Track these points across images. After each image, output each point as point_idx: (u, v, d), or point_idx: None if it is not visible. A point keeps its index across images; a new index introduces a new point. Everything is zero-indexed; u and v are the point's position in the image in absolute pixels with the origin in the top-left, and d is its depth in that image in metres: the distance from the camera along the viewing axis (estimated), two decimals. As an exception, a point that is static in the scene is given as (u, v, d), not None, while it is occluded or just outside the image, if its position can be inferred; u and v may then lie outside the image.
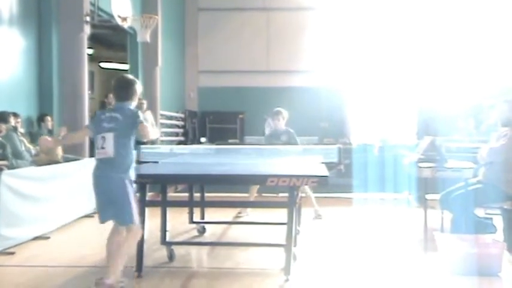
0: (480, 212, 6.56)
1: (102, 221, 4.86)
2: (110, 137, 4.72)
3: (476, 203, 6.13)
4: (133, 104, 4.96)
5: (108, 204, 4.79)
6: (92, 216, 8.71)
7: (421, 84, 17.48)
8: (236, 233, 7.39)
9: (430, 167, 6.41)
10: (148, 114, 12.94)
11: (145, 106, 12.88)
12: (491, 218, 6.44)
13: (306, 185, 6.49)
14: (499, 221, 6.36)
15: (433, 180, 6.50)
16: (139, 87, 5.01)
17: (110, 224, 4.87)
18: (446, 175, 6.38)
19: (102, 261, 5.90)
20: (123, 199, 4.71)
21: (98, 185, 4.86)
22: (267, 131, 18.24)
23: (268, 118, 18.70)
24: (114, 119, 4.79)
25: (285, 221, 5.38)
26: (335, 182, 8.27)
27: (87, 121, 10.30)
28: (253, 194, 8.97)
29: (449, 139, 10.16)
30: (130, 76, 5.19)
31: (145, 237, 5.33)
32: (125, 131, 4.77)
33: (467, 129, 13.10)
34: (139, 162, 7.26)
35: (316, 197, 8.74)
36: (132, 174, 4.89)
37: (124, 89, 4.95)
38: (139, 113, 4.87)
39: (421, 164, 6.55)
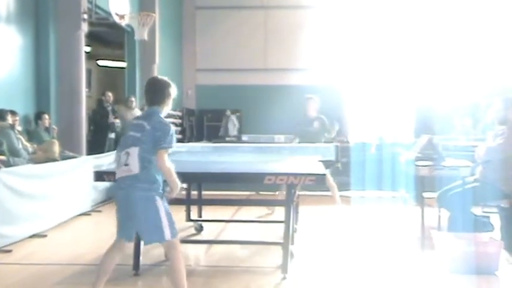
0: (477, 210, 6.56)
1: (128, 240, 4.42)
2: (134, 151, 4.11)
3: (474, 202, 6.14)
4: (165, 110, 4.37)
5: (134, 223, 4.27)
6: (89, 214, 8.71)
7: (418, 82, 17.49)
8: (233, 231, 7.38)
9: (427, 165, 6.41)
10: (138, 112, 12.97)
11: (134, 104, 12.92)
12: (488, 217, 6.45)
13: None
14: (496, 219, 6.37)
15: (431, 179, 6.50)
16: (173, 90, 4.40)
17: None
18: (444, 173, 6.38)
19: (98, 260, 5.89)
20: (154, 216, 4.15)
21: (123, 205, 4.25)
22: (221, 131, 18.15)
23: (232, 116, 18.52)
24: (141, 128, 4.17)
25: (283, 219, 5.38)
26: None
27: (84, 119, 10.29)
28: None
29: (446, 137, 10.20)
30: (163, 78, 4.53)
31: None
32: (151, 144, 4.12)
33: (464, 127, 13.12)
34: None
35: (313, 195, 8.75)
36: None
37: (154, 91, 4.37)
38: (171, 133, 4.16)
39: (418, 163, 6.56)
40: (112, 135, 12.09)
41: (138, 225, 4.26)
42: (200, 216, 7.61)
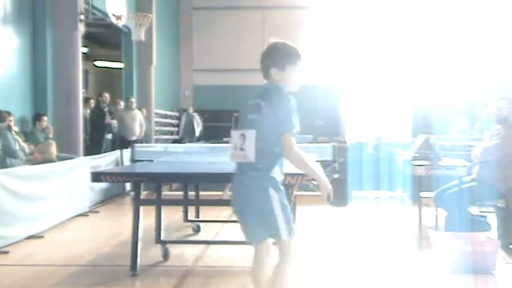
0: (474, 210, 6.57)
1: (256, 243, 3.66)
2: (251, 135, 3.40)
3: (471, 201, 6.15)
4: (288, 82, 3.54)
5: (256, 220, 3.56)
6: (87, 215, 8.70)
7: (416, 82, 17.52)
8: (231, 232, 7.37)
9: (424, 165, 6.42)
10: (138, 113, 12.95)
11: (134, 105, 12.93)
12: (485, 216, 6.46)
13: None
14: (493, 219, 6.38)
15: (428, 178, 6.51)
16: (295, 53, 3.66)
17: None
18: (441, 173, 6.39)
19: (96, 260, 5.92)
20: (267, 211, 3.47)
21: (239, 196, 3.60)
22: (181, 133, 16.84)
23: (195, 114, 16.95)
24: (257, 108, 3.44)
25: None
26: (329, 180, 8.26)
27: (81, 120, 10.28)
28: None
29: (443, 137, 10.21)
30: (285, 41, 3.76)
31: (139, 235, 5.32)
32: (271, 127, 3.38)
33: (461, 127, 13.16)
34: (134, 160, 7.27)
35: (310, 196, 8.72)
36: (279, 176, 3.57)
37: (270, 58, 3.55)
38: (294, 112, 3.39)
39: (415, 162, 6.56)
40: (109, 136, 12.07)
41: (250, 217, 3.57)
42: (198, 217, 7.60)
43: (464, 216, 5.97)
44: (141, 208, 5.43)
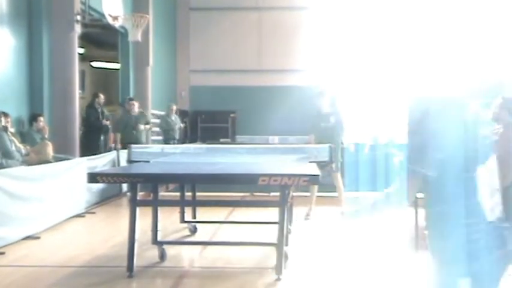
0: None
1: None
2: None
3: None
4: None
5: None
6: (83, 216, 8.69)
7: (412, 83, 17.53)
8: (227, 232, 7.38)
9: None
10: (144, 115, 12.88)
11: (136, 107, 12.82)
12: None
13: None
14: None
15: (424, 179, 6.50)
16: None
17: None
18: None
19: (92, 261, 5.91)
20: None
21: None
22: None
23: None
24: None
25: (277, 220, 5.38)
26: (326, 181, 8.29)
27: (77, 120, 10.25)
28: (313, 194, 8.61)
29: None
30: None
31: (136, 236, 5.32)
32: None
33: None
34: (130, 161, 7.26)
35: (307, 197, 8.74)
36: None
37: None
38: None
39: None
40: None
41: None
42: (194, 218, 7.60)
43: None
44: (138, 209, 5.43)
